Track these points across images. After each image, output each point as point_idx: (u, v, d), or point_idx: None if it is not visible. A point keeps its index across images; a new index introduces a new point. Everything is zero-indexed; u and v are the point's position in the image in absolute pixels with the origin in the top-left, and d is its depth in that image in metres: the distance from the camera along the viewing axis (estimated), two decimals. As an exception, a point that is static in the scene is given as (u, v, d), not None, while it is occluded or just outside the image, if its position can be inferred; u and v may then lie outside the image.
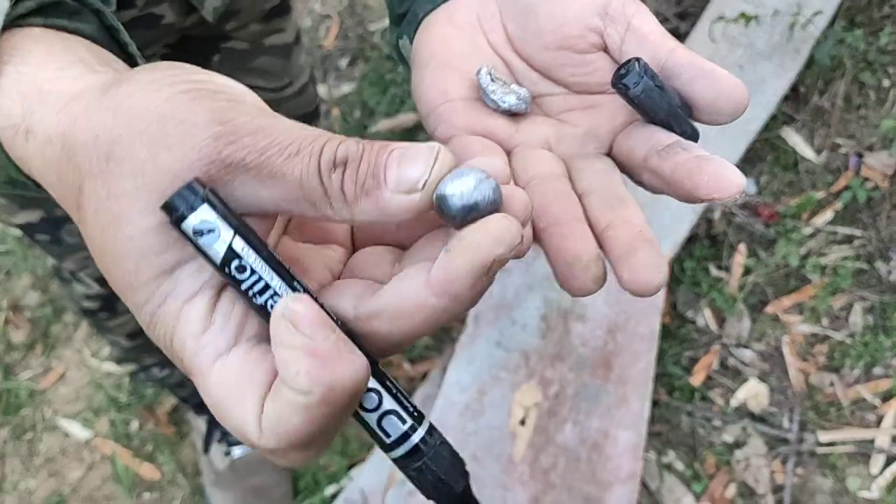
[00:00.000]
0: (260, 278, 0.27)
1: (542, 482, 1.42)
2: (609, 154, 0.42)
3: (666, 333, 1.68)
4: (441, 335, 1.81)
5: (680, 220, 1.73)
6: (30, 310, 1.91)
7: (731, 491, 1.49)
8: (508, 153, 0.41)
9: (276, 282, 0.27)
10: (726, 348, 1.64)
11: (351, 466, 1.61)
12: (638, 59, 0.37)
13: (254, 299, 0.28)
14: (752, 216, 1.74)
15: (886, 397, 1.53)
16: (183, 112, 0.29)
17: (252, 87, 0.81)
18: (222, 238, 0.27)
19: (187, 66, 0.32)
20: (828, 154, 1.73)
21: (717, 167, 0.36)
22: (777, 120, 1.77)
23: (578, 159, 0.41)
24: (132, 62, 0.39)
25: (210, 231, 0.27)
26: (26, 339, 1.85)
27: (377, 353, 0.30)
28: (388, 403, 0.29)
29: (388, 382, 0.29)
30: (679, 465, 1.54)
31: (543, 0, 0.42)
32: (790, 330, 1.63)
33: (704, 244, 1.76)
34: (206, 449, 1.58)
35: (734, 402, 1.58)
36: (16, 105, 0.33)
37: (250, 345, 0.30)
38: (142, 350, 1.39)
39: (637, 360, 1.56)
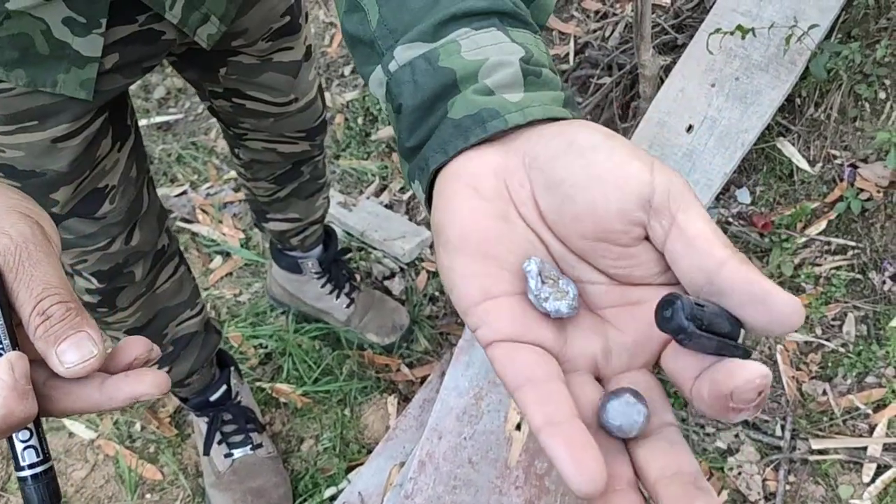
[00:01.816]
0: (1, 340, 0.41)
1: (536, 487, 1.44)
2: (657, 362, 0.40)
3: (661, 341, 1.70)
4: (440, 340, 1.84)
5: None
6: None
7: (724, 497, 1.51)
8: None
9: (6, 343, 0.41)
10: (721, 356, 1.66)
11: (349, 470, 1.63)
12: (680, 298, 0.35)
13: None
14: (747, 226, 1.76)
15: (879, 406, 1.55)
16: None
17: (256, 101, 0.90)
18: None
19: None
20: (823, 165, 1.75)
21: (747, 369, 0.35)
22: (773, 130, 1.79)
23: (631, 373, 0.41)
24: None
25: None
26: (32, 340, 1.89)
27: (46, 410, 0.42)
28: (34, 441, 0.42)
29: (40, 429, 0.42)
30: (672, 471, 1.56)
31: (581, 186, 0.38)
32: (783, 338, 1.65)
33: (700, 253, 1.78)
34: (207, 451, 1.61)
35: (728, 410, 1.60)
36: None
37: None
38: None
39: (632, 367, 1.58)
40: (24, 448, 0.41)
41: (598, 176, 0.38)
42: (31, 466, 0.41)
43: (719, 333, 0.35)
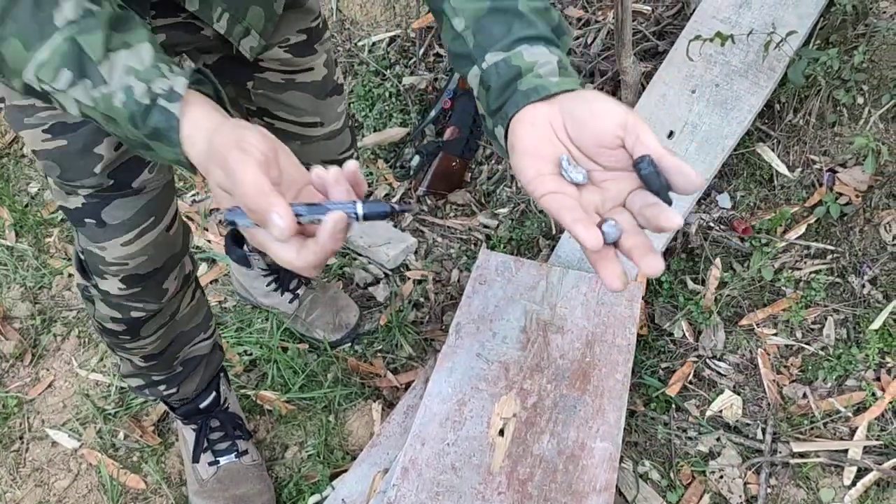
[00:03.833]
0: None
1: (519, 493, 1.45)
2: (624, 204, 0.72)
3: (643, 345, 1.71)
4: (424, 346, 1.84)
5: (657, 235, 1.76)
6: (19, 321, 1.94)
7: (706, 501, 1.52)
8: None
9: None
10: (702, 360, 1.67)
11: (333, 477, 1.63)
12: (647, 156, 0.68)
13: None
14: (727, 230, 1.77)
15: (859, 409, 1.56)
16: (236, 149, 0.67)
17: (280, 120, 1.26)
18: None
19: (248, 128, 0.70)
20: (802, 170, 1.77)
21: (668, 213, 0.67)
22: (752, 136, 1.81)
23: (615, 212, 0.72)
24: (224, 104, 0.76)
25: None
26: (15, 349, 1.88)
27: None
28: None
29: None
30: (655, 475, 1.56)
31: (589, 118, 0.72)
32: (764, 342, 1.66)
33: (682, 258, 1.79)
34: (196, 458, 1.61)
35: (709, 413, 1.61)
36: (202, 124, 0.71)
37: None
38: (154, 369, 1.43)
39: (614, 372, 1.59)
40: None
41: (598, 114, 0.72)
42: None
43: (660, 182, 0.68)
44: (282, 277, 1.85)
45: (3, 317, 1.92)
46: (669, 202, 0.68)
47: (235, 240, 0.75)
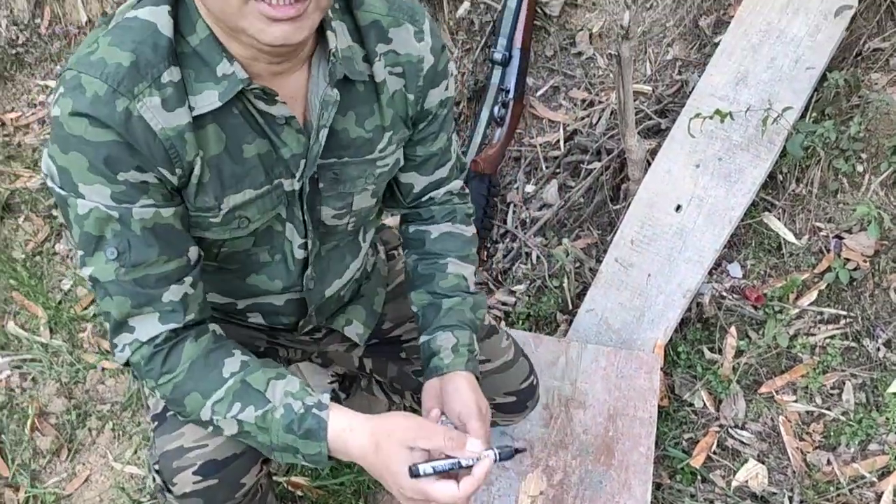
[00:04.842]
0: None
1: (550, 571, 1.46)
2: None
3: (665, 416, 1.73)
4: (449, 426, 1.87)
5: (671, 305, 1.81)
6: (55, 416, 1.99)
7: (737, 573, 1.52)
8: None
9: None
10: (724, 429, 1.69)
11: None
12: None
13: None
14: (740, 299, 1.82)
15: (883, 474, 1.57)
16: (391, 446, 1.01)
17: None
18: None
19: (393, 422, 1.04)
20: (809, 237, 1.82)
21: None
22: (758, 206, 1.86)
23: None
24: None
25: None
26: (52, 445, 1.93)
27: None
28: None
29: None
30: (685, 549, 1.57)
31: (453, 396, 1.14)
32: (785, 409, 1.68)
33: (697, 327, 1.83)
34: None
35: (735, 483, 1.62)
36: (343, 420, 1.01)
37: None
38: None
39: (637, 445, 1.61)
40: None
41: (454, 394, 1.15)
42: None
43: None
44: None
45: (39, 413, 1.98)
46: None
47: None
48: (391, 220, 2.00)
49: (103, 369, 2.06)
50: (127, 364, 1.05)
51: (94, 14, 2.84)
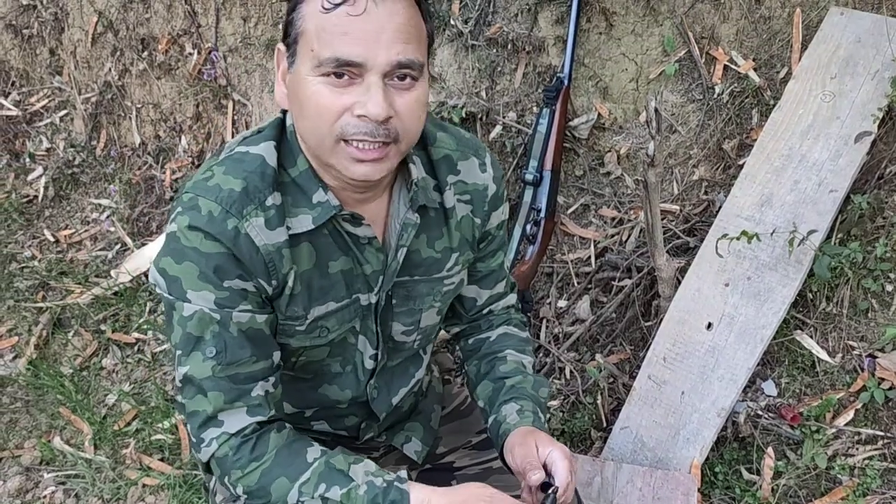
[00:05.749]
0: None
1: None
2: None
3: (705, 540, 1.71)
4: None
5: (706, 424, 1.81)
6: (96, 532, 2.02)
7: None
8: None
9: None
10: (766, 554, 1.67)
11: None
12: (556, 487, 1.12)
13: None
14: (776, 418, 1.82)
15: None
16: None
17: None
18: None
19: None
20: (843, 355, 1.83)
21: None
22: (789, 324, 1.89)
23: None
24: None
25: None
26: (92, 562, 1.95)
27: None
28: None
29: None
30: None
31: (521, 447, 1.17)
32: (828, 534, 1.66)
33: (734, 447, 1.83)
34: None
35: None
36: (422, 492, 1.07)
37: None
38: None
39: (678, 571, 1.59)
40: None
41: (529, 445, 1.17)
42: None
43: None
44: None
45: (80, 529, 2.01)
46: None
47: None
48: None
49: (144, 486, 2.09)
50: (207, 464, 1.11)
51: (148, 137, 3.02)
